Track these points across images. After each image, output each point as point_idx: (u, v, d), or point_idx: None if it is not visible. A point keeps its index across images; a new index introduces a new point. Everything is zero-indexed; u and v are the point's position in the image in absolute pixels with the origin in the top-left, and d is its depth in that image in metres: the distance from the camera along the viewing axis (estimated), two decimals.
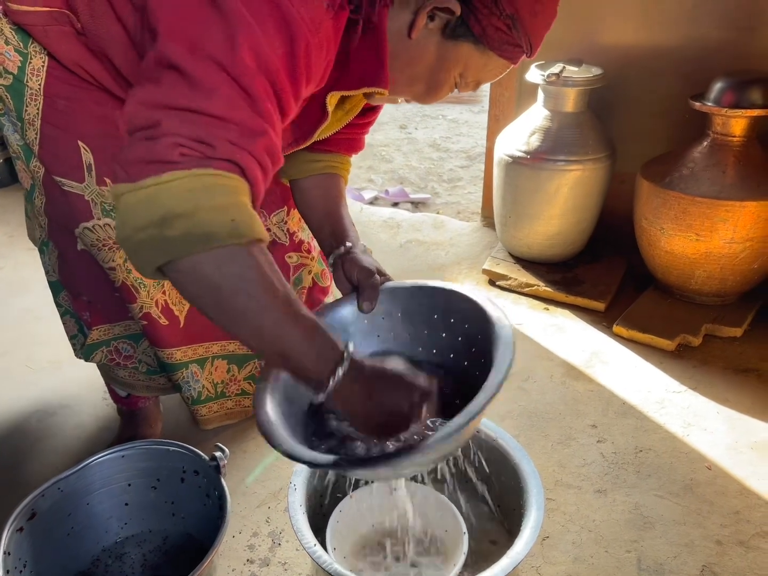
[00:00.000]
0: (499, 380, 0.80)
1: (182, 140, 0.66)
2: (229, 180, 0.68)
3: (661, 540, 1.18)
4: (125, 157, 0.68)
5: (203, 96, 0.68)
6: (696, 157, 1.68)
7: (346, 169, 1.19)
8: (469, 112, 4.00)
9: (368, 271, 1.00)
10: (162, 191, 0.65)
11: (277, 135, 0.75)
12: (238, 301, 0.68)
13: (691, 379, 1.57)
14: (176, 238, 0.65)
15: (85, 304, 1.21)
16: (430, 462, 0.86)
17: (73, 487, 0.98)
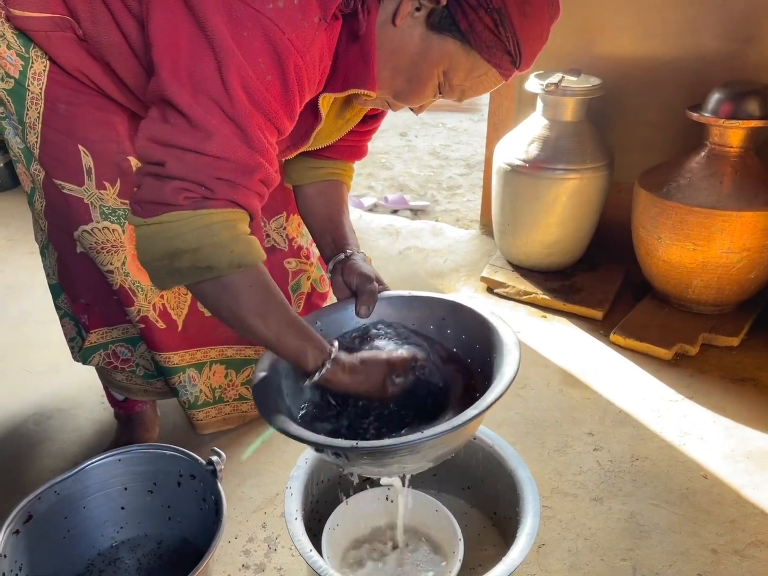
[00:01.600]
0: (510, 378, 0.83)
1: (185, 184, 0.77)
2: (227, 215, 0.79)
3: (656, 548, 1.18)
4: (139, 196, 0.79)
5: (202, 137, 0.76)
6: (693, 167, 1.69)
7: (348, 175, 1.20)
8: (469, 121, 4.02)
9: (367, 278, 1.01)
10: (169, 230, 0.77)
11: (271, 162, 0.83)
12: (239, 317, 0.83)
13: (687, 388, 1.57)
14: (185, 269, 0.78)
15: (84, 307, 1.21)
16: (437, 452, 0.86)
17: (70, 491, 0.98)
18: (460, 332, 1.00)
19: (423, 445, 0.77)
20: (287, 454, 1.37)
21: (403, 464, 0.86)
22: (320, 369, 0.86)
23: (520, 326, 1.83)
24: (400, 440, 0.77)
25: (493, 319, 0.95)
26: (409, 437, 0.77)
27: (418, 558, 1.09)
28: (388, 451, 0.79)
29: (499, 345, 0.91)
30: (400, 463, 0.85)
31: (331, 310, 1.04)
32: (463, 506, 1.21)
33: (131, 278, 1.14)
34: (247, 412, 1.43)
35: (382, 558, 1.09)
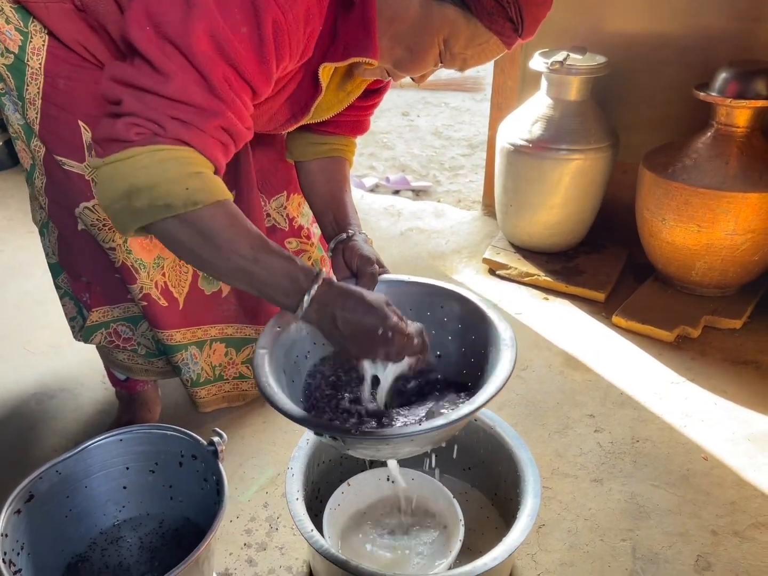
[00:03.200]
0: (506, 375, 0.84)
1: (137, 120, 0.75)
2: (180, 152, 0.77)
3: (656, 529, 1.18)
4: (96, 135, 0.79)
5: (162, 79, 0.75)
6: (699, 147, 1.67)
7: (351, 151, 1.19)
8: (472, 100, 3.97)
9: (368, 260, 1.00)
10: (123, 167, 0.76)
11: (240, 115, 0.81)
12: (204, 254, 0.80)
13: (689, 371, 1.57)
14: (143, 208, 0.77)
15: (85, 285, 1.21)
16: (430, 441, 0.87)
17: (72, 470, 0.98)
18: (456, 322, 1.00)
19: (417, 436, 0.78)
20: (289, 434, 1.37)
21: (397, 450, 0.87)
22: (311, 286, 0.80)
23: (522, 308, 1.83)
24: (395, 431, 0.79)
25: (491, 312, 0.95)
26: (404, 429, 0.79)
27: (419, 537, 1.09)
28: (384, 439, 0.80)
29: (495, 340, 0.91)
30: (394, 449, 0.86)
31: None
32: (464, 487, 1.22)
33: (133, 255, 1.13)
34: (247, 391, 1.43)
35: (383, 537, 1.10)
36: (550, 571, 1.10)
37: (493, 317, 0.94)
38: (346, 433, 0.81)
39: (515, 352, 0.87)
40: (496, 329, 0.92)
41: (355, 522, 1.12)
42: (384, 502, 1.15)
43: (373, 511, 1.14)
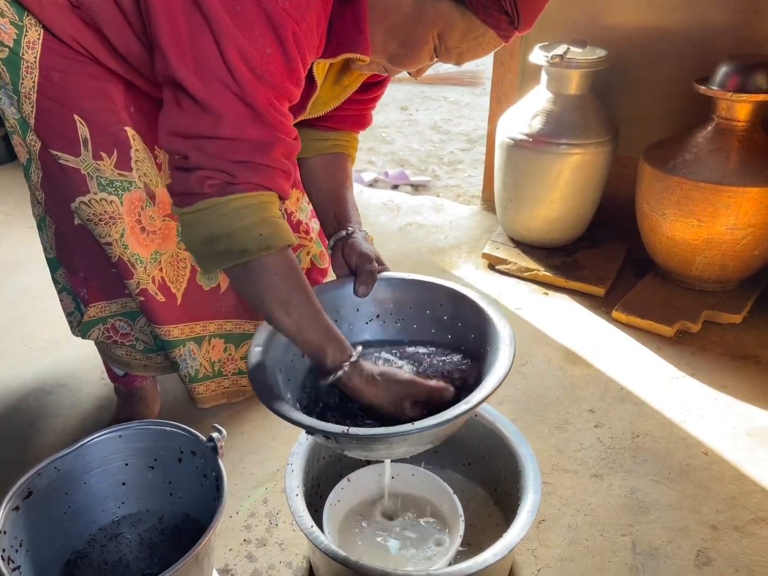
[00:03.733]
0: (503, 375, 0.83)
1: (207, 173, 0.81)
2: (253, 199, 0.83)
3: (656, 524, 1.18)
4: (172, 189, 0.85)
5: (214, 121, 0.80)
6: (699, 141, 1.67)
7: (353, 146, 1.19)
8: (471, 95, 3.96)
9: (367, 257, 1.01)
10: (204, 216, 0.82)
11: (288, 132, 0.85)
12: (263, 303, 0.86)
13: (689, 366, 1.57)
14: (221, 253, 0.83)
15: (82, 280, 1.20)
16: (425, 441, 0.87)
17: (70, 467, 0.98)
18: (456, 320, 0.99)
19: (411, 436, 0.78)
20: (288, 429, 1.37)
21: (391, 450, 0.86)
22: (338, 369, 0.85)
23: (521, 303, 1.82)
24: (389, 430, 0.77)
25: (490, 311, 0.95)
26: (398, 428, 0.77)
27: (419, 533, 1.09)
28: (378, 439, 0.79)
29: (494, 338, 0.90)
30: (388, 449, 0.86)
31: (330, 287, 1.04)
32: (464, 483, 1.21)
33: (130, 250, 1.13)
34: (246, 387, 1.42)
35: (383, 533, 1.10)
36: (550, 566, 1.10)
37: (492, 315, 0.94)
38: (337, 433, 0.79)
39: (513, 350, 0.86)
40: (495, 327, 0.91)
41: (355, 517, 1.12)
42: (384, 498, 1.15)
43: (373, 507, 1.13)
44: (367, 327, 1.04)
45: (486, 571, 0.90)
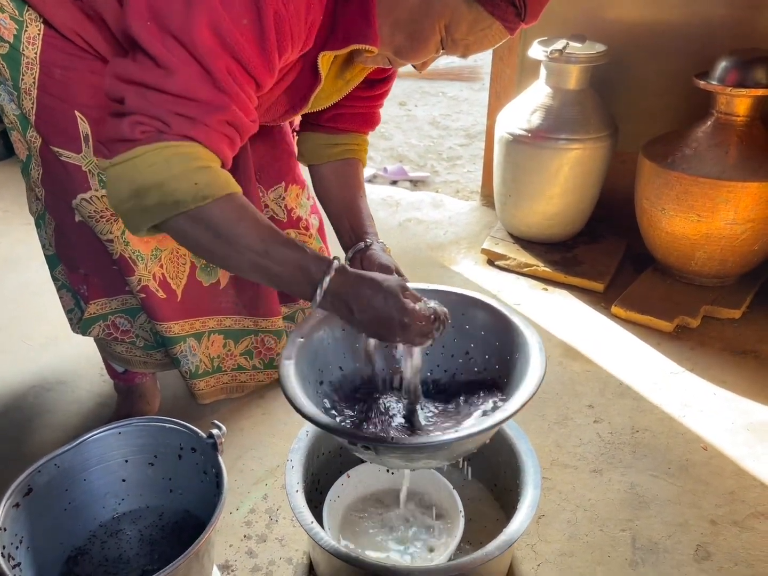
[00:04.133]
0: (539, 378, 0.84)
1: (142, 118, 0.76)
2: (186, 148, 0.77)
3: (655, 519, 1.18)
4: (102, 136, 0.79)
5: (164, 75, 0.75)
6: (699, 136, 1.67)
7: (363, 149, 1.19)
8: (470, 90, 3.95)
9: (387, 269, 1.00)
10: (130, 167, 0.76)
11: (244, 108, 0.81)
12: (217, 250, 0.81)
13: (688, 361, 1.57)
14: (153, 206, 0.77)
15: (82, 277, 1.20)
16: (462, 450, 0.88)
17: (70, 463, 0.98)
18: (479, 329, 1.00)
19: (452, 445, 0.79)
20: (288, 426, 1.37)
21: (431, 460, 0.87)
22: (323, 278, 0.79)
23: (520, 299, 1.82)
24: (430, 439, 0.79)
25: (515, 318, 0.96)
26: (439, 437, 0.78)
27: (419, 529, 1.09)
28: (419, 448, 0.80)
29: (522, 345, 0.91)
30: (428, 459, 0.86)
31: None
32: (464, 478, 1.21)
33: (131, 247, 1.13)
34: (245, 383, 1.42)
35: (383, 528, 1.10)
36: (549, 561, 1.11)
37: (519, 323, 0.94)
38: (380, 441, 0.80)
39: (545, 358, 0.87)
40: (523, 335, 0.92)
41: (354, 513, 1.12)
42: (384, 494, 1.15)
43: (372, 503, 1.14)
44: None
45: (486, 566, 0.91)
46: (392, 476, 1.15)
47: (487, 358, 0.99)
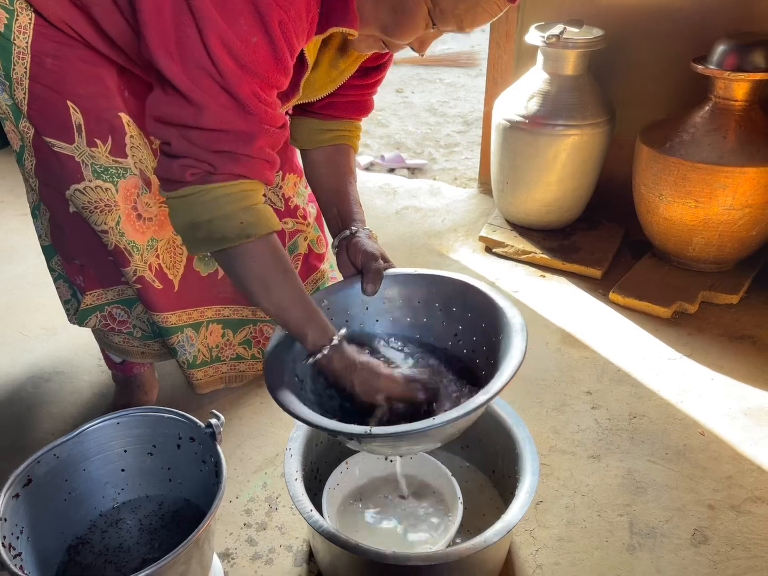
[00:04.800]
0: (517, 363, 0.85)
1: (189, 161, 0.82)
2: (233, 188, 0.83)
3: (653, 504, 1.19)
4: (158, 173, 0.87)
5: (196, 111, 0.79)
6: (697, 122, 1.66)
7: (356, 135, 1.18)
8: (467, 76, 3.93)
9: (372, 256, 1.02)
10: (186, 203, 0.84)
11: (273, 121, 0.84)
12: (245, 287, 0.89)
13: (686, 347, 1.57)
14: (203, 239, 0.86)
15: (78, 268, 1.19)
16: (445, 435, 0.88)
17: (69, 453, 0.98)
18: (466, 311, 1.00)
19: (433, 430, 0.79)
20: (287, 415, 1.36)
21: (413, 446, 0.88)
22: (317, 352, 0.88)
23: (518, 286, 1.82)
24: (411, 426, 0.79)
25: (500, 300, 0.96)
26: (420, 424, 0.78)
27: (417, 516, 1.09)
28: (400, 436, 0.80)
29: (506, 327, 0.91)
30: (410, 445, 0.87)
31: (338, 288, 1.04)
32: (462, 465, 1.22)
33: (126, 238, 1.12)
34: (244, 372, 1.42)
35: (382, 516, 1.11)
36: (548, 547, 1.11)
37: (503, 304, 0.94)
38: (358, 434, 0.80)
39: (525, 337, 0.87)
40: (506, 316, 0.91)
41: (354, 501, 1.13)
42: (383, 481, 1.15)
43: (371, 490, 1.14)
44: (377, 324, 1.05)
45: (485, 552, 0.91)
46: (391, 464, 1.15)
47: (475, 340, 0.99)
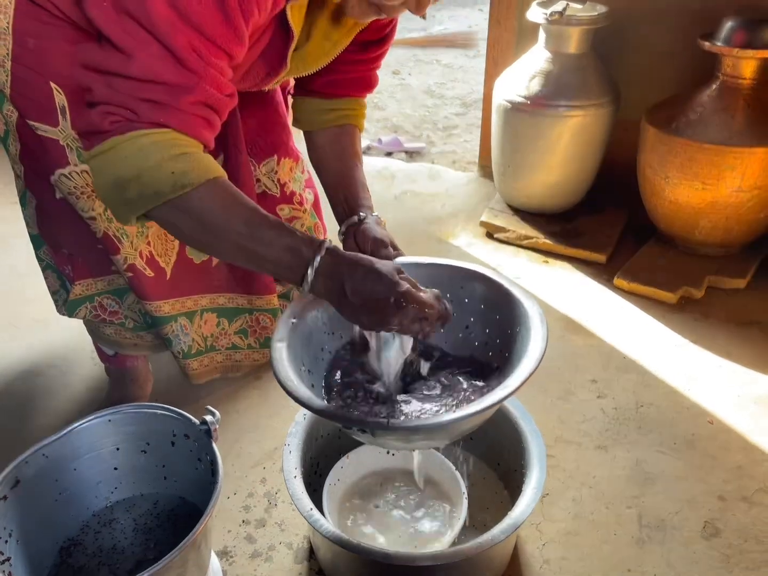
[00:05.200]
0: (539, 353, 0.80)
1: (110, 108, 0.74)
2: (160, 136, 0.74)
3: (662, 496, 1.16)
4: (78, 127, 0.81)
5: (125, 59, 0.73)
6: (704, 101, 1.61)
7: (361, 114, 1.14)
8: (465, 57, 3.86)
9: (382, 243, 0.96)
10: (107, 159, 0.75)
11: (216, 84, 0.77)
12: (202, 238, 0.80)
13: (693, 333, 1.54)
14: (134, 199, 0.76)
15: (66, 257, 1.15)
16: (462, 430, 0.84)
17: (59, 453, 0.94)
18: (478, 302, 0.96)
19: (451, 425, 0.75)
20: (286, 408, 1.34)
21: (429, 441, 0.84)
22: (314, 258, 0.76)
23: (520, 272, 1.78)
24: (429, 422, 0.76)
25: (515, 290, 0.92)
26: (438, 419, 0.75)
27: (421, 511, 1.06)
28: (417, 430, 0.77)
29: (523, 318, 0.87)
30: (426, 440, 0.84)
31: None
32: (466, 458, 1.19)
33: (115, 224, 1.08)
34: (240, 362, 1.39)
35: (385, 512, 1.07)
36: (555, 541, 1.08)
37: (519, 295, 0.90)
38: (376, 426, 0.76)
39: (546, 329, 0.83)
40: (523, 307, 0.88)
41: (355, 496, 1.09)
42: (384, 476, 1.12)
43: (373, 485, 1.11)
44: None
45: (491, 550, 0.88)
46: (392, 457, 1.12)
47: (488, 332, 0.95)
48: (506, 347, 0.91)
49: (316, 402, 0.78)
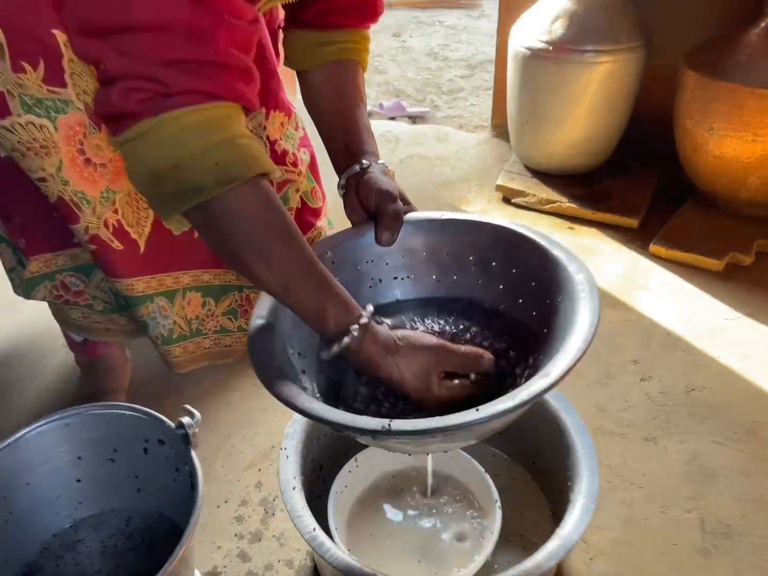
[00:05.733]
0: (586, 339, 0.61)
1: (130, 82, 0.63)
2: (199, 114, 0.63)
3: (725, 495, 0.99)
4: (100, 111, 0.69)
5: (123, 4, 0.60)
6: (753, 40, 1.42)
7: (364, 48, 0.97)
8: (468, 17, 3.69)
9: (389, 195, 0.80)
10: (138, 148, 0.65)
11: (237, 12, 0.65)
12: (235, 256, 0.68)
13: (744, 304, 1.36)
14: (171, 194, 0.66)
15: (19, 228, 0.98)
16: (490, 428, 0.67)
17: (7, 465, 0.78)
18: (509, 265, 0.78)
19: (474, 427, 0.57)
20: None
21: (447, 443, 0.67)
22: (344, 334, 0.66)
23: None
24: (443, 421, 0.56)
25: (555, 249, 0.73)
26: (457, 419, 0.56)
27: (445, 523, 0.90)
28: (428, 433, 0.57)
29: (567, 287, 0.69)
30: (443, 442, 0.65)
31: (345, 238, 0.82)
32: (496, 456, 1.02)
33: (72, 188, 0.89)
34: (231, 347, 1.21)
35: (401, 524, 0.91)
36: (604, 554, 0.92)
37: (560, 255, 0.72)
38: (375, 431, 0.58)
39: (597, 300, 0.65)
40: (566, 271, 0.69)
41: (366, 506, 0.92)
42: (400, 480, 0.95)
43: (387, 492, 0.94)
44: (395, 283, 0.83)
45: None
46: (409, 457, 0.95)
47: (522, 303, 0.77)
48: (545, 322, 0.73)
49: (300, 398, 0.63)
